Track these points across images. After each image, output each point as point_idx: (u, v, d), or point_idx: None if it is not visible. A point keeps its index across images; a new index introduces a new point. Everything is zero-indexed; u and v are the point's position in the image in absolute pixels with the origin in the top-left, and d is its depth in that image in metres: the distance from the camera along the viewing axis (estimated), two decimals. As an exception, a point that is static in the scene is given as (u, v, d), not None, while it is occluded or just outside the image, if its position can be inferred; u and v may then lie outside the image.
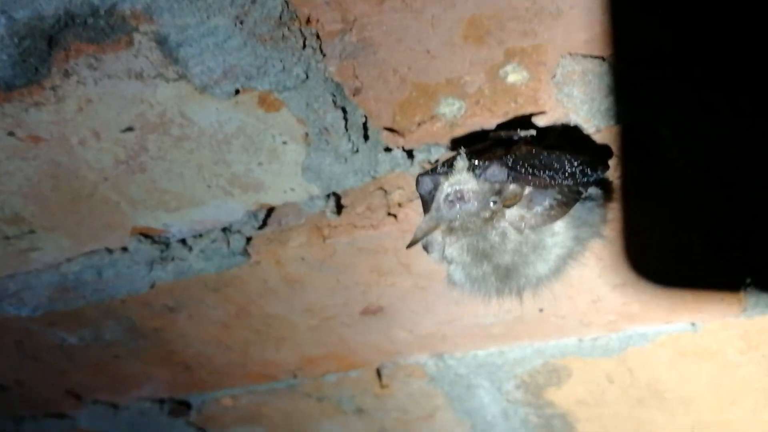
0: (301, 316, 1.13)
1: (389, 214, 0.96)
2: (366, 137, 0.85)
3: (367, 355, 1.22)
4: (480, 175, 0.69)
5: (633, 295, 1.02)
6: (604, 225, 0.79)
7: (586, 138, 0.82)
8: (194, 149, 0.87)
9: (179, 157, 0.88)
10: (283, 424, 1.42)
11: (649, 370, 1.16)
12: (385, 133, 0.85)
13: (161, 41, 0.73)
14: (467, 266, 0.73)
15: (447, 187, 0.71)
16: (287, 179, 0.92)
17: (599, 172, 0.76)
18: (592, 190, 0.77)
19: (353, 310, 1.11)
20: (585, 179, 0.73)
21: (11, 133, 0.84)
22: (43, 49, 0.74)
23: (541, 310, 1.07)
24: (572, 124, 0.80)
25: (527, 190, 0.69)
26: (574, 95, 0.76)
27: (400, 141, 0.85)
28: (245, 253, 1.02)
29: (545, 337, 1.13)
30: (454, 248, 0.72)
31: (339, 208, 0.97)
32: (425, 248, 0.77)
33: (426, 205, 0.76)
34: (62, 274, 1.08)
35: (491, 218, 0.70)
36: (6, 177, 0.91)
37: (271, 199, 0.95)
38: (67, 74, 0.77)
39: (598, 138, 0.82)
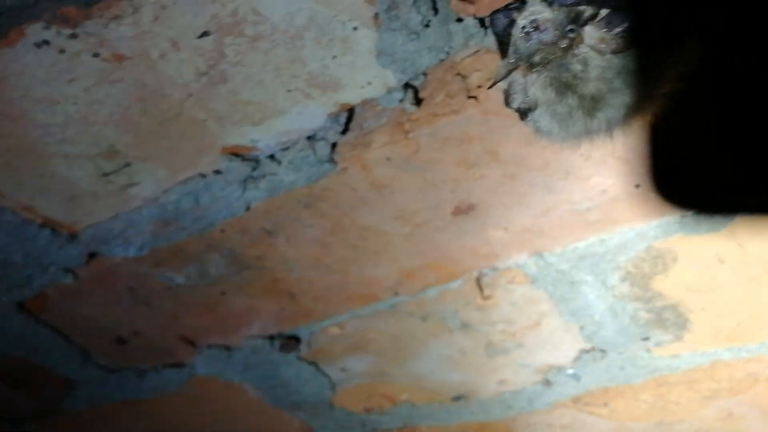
0: (394, 224, 1.14)
1: (469, 97, 0.95)
2: (435, 10, 0.85)
3: (464, 262, 1.21)
4: (553, 1, 0.68)
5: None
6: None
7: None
8: (269, 49, 0.88)
9: (256, 60, 0.90)
10: (391, 348, 1.43)
11: (761, 243, 1.10)
12: (455, 1, 0.84)
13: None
14: (551, 104, 0.71)
15: (521, 20, 0.70)
16: (363, 72, 0.92)
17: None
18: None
19: (444, 211, 1.11)
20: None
21: (96, 54, 0.87)
22: (115, -46, 0.76)
23: (637, 186, 1.04)
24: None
25: (604, 11, 0.67)
26: None
27: (471, 9, 0.84)
28: (331, 160, 1.03)
29: (645, 217, 1.09)
30: (537, 86, 0.71)
31: (418, 102, 0.97)
32: (506, 101, 0.76)
33: (503, 48, 0.75)
34: (161, 206, 1.12)
35: (571, 47, 0.68)
36: (98, 106, 0.95)
37: (350, 97, 0.96)
38: (140, -21, 0.79)
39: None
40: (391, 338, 1.41)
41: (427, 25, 0.85)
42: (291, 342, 1.43)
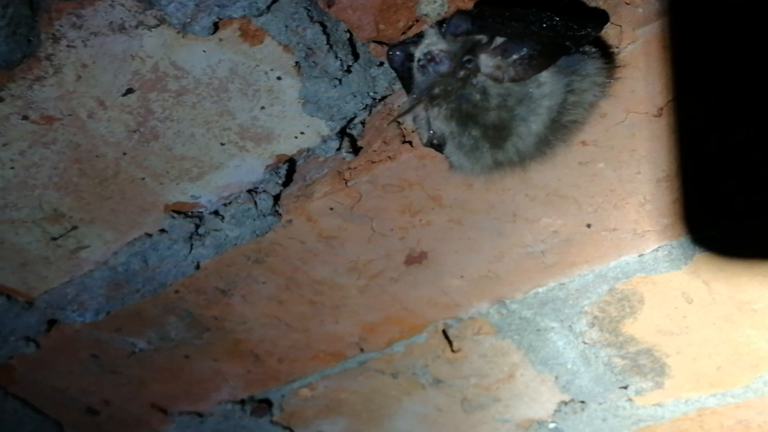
0: (348, 277, 1.12)
1: (404, 142, 0.94)
2: (355, 55, 0.84)
3: (425, 313, 1.18)
4: (446, 32, 0.67)
5: (682, 188, 0.96)
6: (605, 78, 0.74)
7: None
8: (196, 103, 0.89)
9: (185, 115, 0.90)
10: (364, 409, 1.39)
11: (726, 280, 1.07)
12: (373, 45, 0.84)
13: (130, -18, 0.75)
14: (456, 136, 0.70)
15: (417, 53, 0.69)
16: (293, 122, 0.92)
17: (589, 29, 0.72)
18: (588, 48, 0.73)
19: (397, 260, 1.09)
20: (570, 33, 0.70)
21: (25, 117, 0.88)
22: (28, 15, 0.77)
23: (588, 226, 1.02)
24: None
25: (499, 40, 0.66)
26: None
27: (391, 52, 0.84)
28: (275, 213, 1.02)
29: (602, 258, 1.06)
30: (440, 119, 0.69)
31: (356, 150, 0.96)
32: (420, 139, 0.74)
33: (405, 84, 0.74)
34: (112, 268, 1.11)
35: (469, 77, 0.67)
36: (35, 169, 0.95)
37: (285, 148, 0.95)
38: (56, 39, 0.80)
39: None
40: (364, 398, 1.37)
41: (348, 71, 0.85)
42: (262, 406, 1.39)
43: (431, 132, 0.71)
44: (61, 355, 1.31)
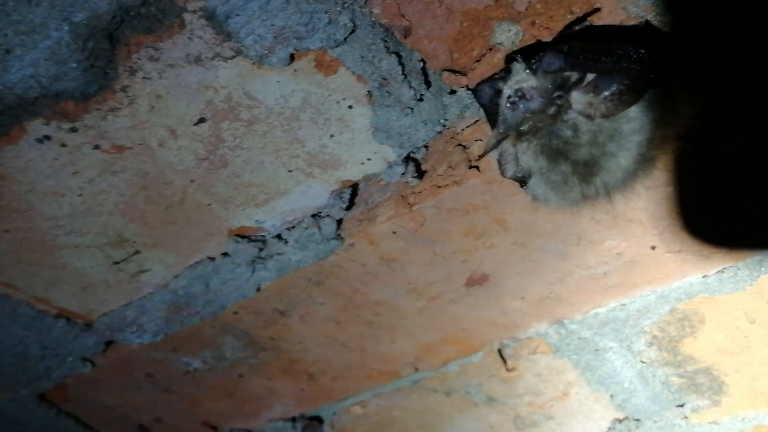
0: (407, 298, 1.12)
1: (471, 167, 0.94)
2: (428, 83, 0.84)
3: (483, 334, 1.18)
4: (537, 69, 0.67)
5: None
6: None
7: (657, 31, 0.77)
8: (267, 132, 0.89)
9: (255, 143, 0.90)
10: (416, 426, 1.39)
11: (791, 300, 1.06)
12: (446, 74, 0.83)
13: (210, 16, 0.75)
14: (545, 172, 0.70)
15: (507, 89, 0.69)
16: (361, 149, 0.92)
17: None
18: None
19: (457, 282, 1.09)
20: (656, 65, 0.69)
21: (97, 146, 0.88)
22: (107, 49, 0.78)
23: (653, 248, 1.01)
24: (635, 22, 0.77)
25: (590, 76, 0.66)
26: (629, -15, 0.73)
27: (463, 80, 0.84)
28: (338, 237, 1.02)
29: (665, 279, 1.06)
30: (528, 155, 0.69)
31: (420, 174, 0.96)
32: (502, 172, 0.74)
33: (491, 119, 0.74)
34: (172, 291, 1.11)
35: (559, 113, 0.67)
36: (102, 196, 0.96)
37: (351, 174, 0.95)
38: (132, 71, 0.80)
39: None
40: (416, 416, 1.37)
41: (420, 99, 0.85)
42: (313, 423, 1.40)
43: (519, 167, 0.71)
44: (115, 374, 1.32)
